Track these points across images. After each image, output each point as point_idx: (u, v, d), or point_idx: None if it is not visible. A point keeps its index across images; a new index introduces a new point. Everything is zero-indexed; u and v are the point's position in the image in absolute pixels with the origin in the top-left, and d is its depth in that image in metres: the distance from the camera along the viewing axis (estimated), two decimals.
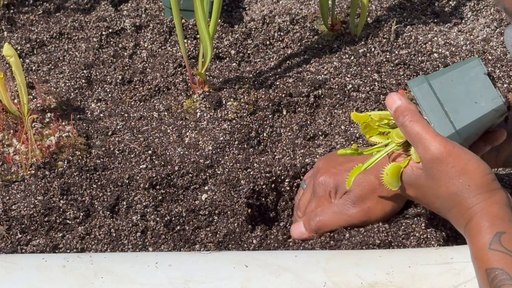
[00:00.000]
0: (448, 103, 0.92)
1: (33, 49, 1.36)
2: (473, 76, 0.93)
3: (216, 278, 0.94)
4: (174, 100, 1.28)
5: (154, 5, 1.44)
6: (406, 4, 1.47)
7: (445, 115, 0.92)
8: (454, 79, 0.93)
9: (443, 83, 0.93)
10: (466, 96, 0.92)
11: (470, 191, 0.89)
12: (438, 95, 0.92)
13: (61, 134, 1.16)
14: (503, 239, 0.85)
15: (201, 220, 1.08)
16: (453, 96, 0.92)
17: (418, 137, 0.90)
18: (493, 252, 0.84)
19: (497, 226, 0.86)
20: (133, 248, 1.05)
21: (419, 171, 0.93)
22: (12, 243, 1.04)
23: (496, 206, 0.88)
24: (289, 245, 1.07)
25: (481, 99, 0.92)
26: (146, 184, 1.10)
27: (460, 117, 0.92)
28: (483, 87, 0.92)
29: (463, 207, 0.89)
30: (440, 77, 0.93)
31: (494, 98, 0.92)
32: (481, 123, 0.92)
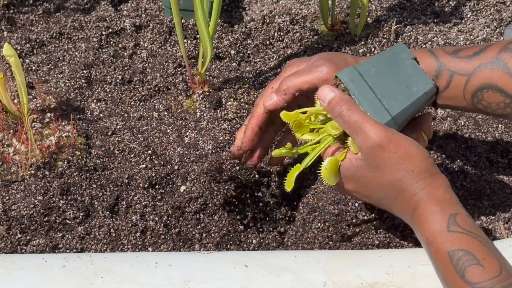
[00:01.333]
0: (381, 91, 0.92)
1: (33, 49, 1.36)
2: (401, 62, 0.93)
3: (216, 278, 0.94)
4: (174, 100, 1.28)
5: (154, 5, 1.44)
6: (406, 4, 1.47)
7: (379, 103, 0.92)
8: (383, 66, 0.93)
9: (373, 72, 0.93)
10: (397, 82, 0.92)
11: (414, 177, 0.88)
12: (369, 84, 0.92)
13: (61, 134, 1.16)
14: (458, 220, 0.84)
15: (201, 219, 1.08)
16: (384, 84, 0.92)
17: (358, 125, 0.89)
18: (453, 234, 0.83)
19: (448, 209, 0.85)
20: (132, 248, 1.05)
21: (359, 162, 0.91)
22: (12, 243, 1.04)
23: (441, 189, 0.87)
24: (287, 245, 1.07)
25: (412, 84, 0.92)
26: (146, 184, 1.10)
27: (394, 104, 0.92)
28: (412, 71, 0.93)
29: (408, 193, 0.89)
30: (369, 66, 0.93)
31: (424, 82, 0.92)
32: (414, 107, 0.92)
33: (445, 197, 0.87)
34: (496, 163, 1.20)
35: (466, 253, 0.81)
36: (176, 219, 1.08)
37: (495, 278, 0.79)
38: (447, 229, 0.83)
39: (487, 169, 1.19)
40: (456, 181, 1.15)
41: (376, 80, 0.92)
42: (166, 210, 1.08)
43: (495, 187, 1.16)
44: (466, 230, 0.83)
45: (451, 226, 0.83)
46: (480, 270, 0.79)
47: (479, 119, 1.27)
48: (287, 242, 1.08)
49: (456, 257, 0.81)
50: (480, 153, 1.21)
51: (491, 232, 1.10)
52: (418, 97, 0.92)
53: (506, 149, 1.22)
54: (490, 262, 0.80)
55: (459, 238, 0.82)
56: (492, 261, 0.80)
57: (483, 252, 0.81)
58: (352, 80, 0.93)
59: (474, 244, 0.82)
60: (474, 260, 0.80)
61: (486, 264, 0.80)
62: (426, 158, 0.89)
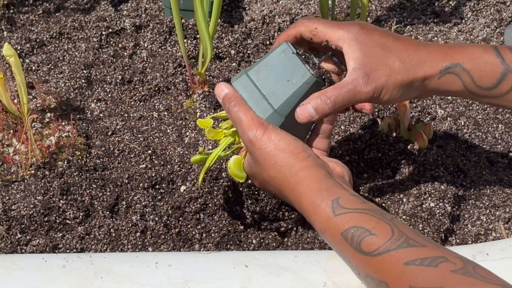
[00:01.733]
0: (265, 87, 0.96)
1: (33, 49, 1.36)
2: (283, 58, 0.97)
3: (216, 278, 0.94)
4: (174, 100, 1.28)
5: (154, 5, 1.44)
6: (406, 4, 1.47)
7: (263, 98, 0.96)
8: (268, 64, 0.97)
9: (259, 71, 0.97)
10: (279, 77, 0.96)
11: (286, 172, 0.91)
12: (256, 83, 0.96)
13: (61, 134, 1.16)
14: (341, 202, 0.86)
15: (201, 219, 1.08)
16: (268, 80, 0.96)
17: (239, 121, 0.94)
18: (340, 217, 0.85)
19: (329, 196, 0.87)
20: (132, 248, 1.05)
21: (248, 159, 0.96)
22: (12, 243, 1.04)
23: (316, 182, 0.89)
24: (287, 245, 1.07)
25: (292, 77, 0.95)
26: (146, 184, 1.10)
27: (276, 97, 0.95)
28: (293, 66, 0.96)
29: (288, 189, 0.91)
30: (256, 66, 0.98)
31: (304, 73, 0.95)
32: (297, 97, 0.95)
33: (322, 187, 0.89)
34: (496, 163, 1.20)
35: (357, 228, 0.83)
36: (176, 219, 1.08)
37: (388, 241, 0.81)
38: (333, 214, 0.86)
39: (487, 169, 1.19)
40: (456, 181, 1.15)
41: (261, 78, 0.97)
42: (166, 210, 1.08)
43: (495, 187, 1.16)
44: (351, 209, 0.86)
45: (336, 210, 0.86)
46: (373, 239, 0.82)
47: (479, 119, 1.27)
48: (287, 242, 1.08)
49: (349, 235, 0.84)
50: (480, 153, 1.21)
51: (491, 232, 1.10)
52: (298, 87, 0.95)
53: (506, 149, 1.22)
54: (380, 228, 0.82)
55: (347, 218, 0.85)
56: (383, 226, 0.83)
57: (372, 222, 0.83)
58: (240, 81, 0.97)
59: (361, 218, 0.84)
60: (365, 232, 0.83)
61: (377, 232, 0.82)
62: (297, 152, 0.91)
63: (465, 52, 0.95)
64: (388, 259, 0.80)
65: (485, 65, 0.95)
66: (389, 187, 1.13)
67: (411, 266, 0.78)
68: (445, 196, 1.11)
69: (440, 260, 0.77)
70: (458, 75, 0.95)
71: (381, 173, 1.16)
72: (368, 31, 0.96)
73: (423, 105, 1.28)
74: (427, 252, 0.79)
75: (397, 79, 0.94)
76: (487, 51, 0.96)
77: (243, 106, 0.94)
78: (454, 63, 0.94)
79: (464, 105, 1.29)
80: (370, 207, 0.86)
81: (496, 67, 0.95)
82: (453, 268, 0.76)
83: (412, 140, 1.18)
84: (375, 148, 1.18)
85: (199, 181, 1.02)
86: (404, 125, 1.18)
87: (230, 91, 0.96)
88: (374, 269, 0.82)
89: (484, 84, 0.95)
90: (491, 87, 0.95)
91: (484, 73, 0.95)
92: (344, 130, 1.22)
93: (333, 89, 0.93)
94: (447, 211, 1.09)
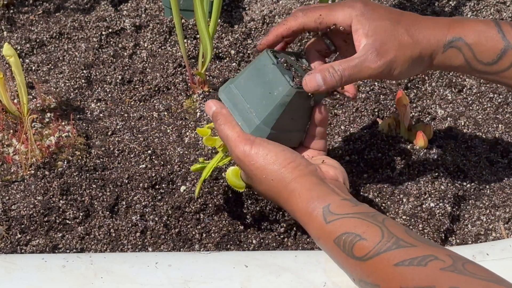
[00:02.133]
0: (250, 100, 0.95)
1: (33, 49, 1.36)
2: (265, 69, 0.96)
3: (216, 278, 0.94)
4: (174, 100, 1.28)
5: (154, 5, 1.44)
6: (406, 4, 1.47)
7: (249, 112, 0.95)
8: (251, 76, 0.96)
9: (243, 82, 0.96)
10: (262, 89, 0.95)
11: (278, 185, 0.91)
12: (241, 95, 0.96)
13: (60, 134, 1.16)
14: (332, 209, 0.87)
15: (201, 220, 1.08)
16: (252, 92, 0.95)
17: (226, 139, 0.95)
18: (332, 224, 0.86)
19: (319, 204, 0.88)
20: (132, 248, 1.05)
21: (242, 172, 0.96)
22: (11, 243, 1.04)
23: (306, 191, 0.89)
24: (287, 245, 1.07)
25: (273, 89, 0.94)
26: (146, 184, 1.10)
27: (260, 109, 0.95)
28: (274, 77, 0.95)
29: (282, 200, 0.92)
30: (240, 77, 0.97)
31: (284, 85, 0.94)
32: (280, 108, 0.94)
33: (313, 195, 0.89)
34: (496, 163, 1.20)
35: (348, 234, 0.84)
36: (176, 219, 1.08)
37: (378, 244, 0.81)
38: (325, 222, 0.86)
39: (487, 169, 1.19)
40: (456, 181, 1.15)
41: (245, 89, 0.96)
42: (166, 210, 1.08)
43: (495, 187, 1.16)
44: (342, 214, 0.86)
45: (327, 217, 0.86)
46: (364, 243, 0.82)
47: (479, 119, 1.27)
48: (287, 242, 1.08)
49: (341, 242, 0.84)
50: (480, 153, 1.21)
51: (491, 232, 1.10)
52: (279, 100, 0.94)
53: (506, 149, 1.22)
54: (370, 232, 0.83)
55: (338, 224, 0.85)
56: (372, 229, 0.83)
57: (362, 226, 0.84)
58: (225, 93, 0.97)
59: (351, 223, 0.84)
60: (356, 237, 0.83)
61: (367, 236, 0.82)
62: (286, 163, 0.91)
63: (467, 26, 0.96)
64: (378, 262, 0.80)
65: (487, 40, 0.95)
66: (389, 187, 1.13)
67: (401, 267, 0.78)
68: (445, 196, 1.11)
69: (429, 259, 0.77)
70: (460, 49, 0.95)
71: (381, 173, 1.15)
72: (373, 6, 0.96)
73: (423, 105, 1.28)
74: (416, 251, 0.79)
75: (407, 54, 0.94)
76: (489, 26, 0.96)
77: (229, 123, 0.95)
78: (457, 37, 0.95)
79: (464, 105, 1.29)
80: (361, 210, 0.86)
81: (497, 43, 0.95)
82: (442, 266, 0.76)
83: (412, 140, 1.18)
84: (375, 148, 1.18)
85: (196, 193, 1.03)
86: (404, 125, 1.18)
87: (217, 108, 0.96)
88: (366, 273, 0.82)
89: (485, 59, 0.96)
90: (491, 63, 0.96)
91: (485, 48, 0.95)
92: (344, 130, 1.22)
93: (342, 62, 0.93)
94: (447, 211, 1.09)
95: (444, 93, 1.31)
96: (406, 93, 1.27)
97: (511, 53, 0.95)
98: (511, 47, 0.95)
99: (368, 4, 0.95)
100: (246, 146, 0.92)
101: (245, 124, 0.95)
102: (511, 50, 0.95)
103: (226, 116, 0.95)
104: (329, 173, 0.94)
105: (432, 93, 1.31)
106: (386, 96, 1.27)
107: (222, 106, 0.96)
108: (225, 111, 0.96)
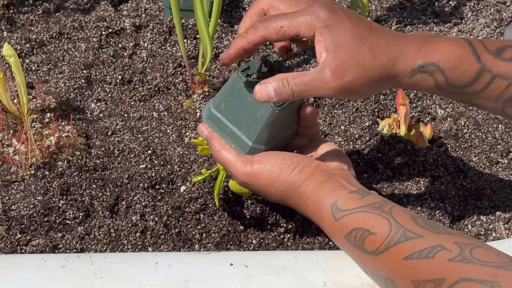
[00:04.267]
0: (235, 123, 0.95)
1: (33, 49, 1.36)
2: (240, 92, 0.95)
3: (216, 278, 0.94)
4: (174, 100, 1.28)
5: (154, 5, 1.44)
6: (406, 4, 1.47)
7: (237, 134, 0.95)
8: (231, 98, 0.95)
9: (224, 106, 0.96)
10: (245, 112, 0.94)
11: (288, 193, 0.93)
12: (226, 118, 0.96)
13: (60, 134, 1.16)
14: (339, 205, 0.88)
15: (201, 220, 1.08)
16: (236, 116, 0.95)
17: (225, 163, 0.96)
18: (341, 221, 0.87)
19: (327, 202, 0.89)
20: (132, 248, 1.05)
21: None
22: (11, 243, 1.04)
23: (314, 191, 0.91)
24: (287, 245, 1.07)
25: (256, 111, 0.94)
26: (146, 184, 1.10)
27: (249, 131, 0.95)
28: (252, 100, 0.93)
29: (294, 204, 0.94)
30: (220, 100, 0.96)
31: (265, 107, 0.93)
32: (268, 128, 0.94)
33: (320, 194, 0.90)
34: (496, 163, 1.20)
35: (357, 230, 0.85)
36: (176, 219, 1.08)
37: (388, 237, 0.82)
38: (334, 219, 0.88)
39: (487, 169, 1.19)
40: (456, 181, 1.15)
41: (228, 113, 0.96)
42: (166, 210, 1.08)
43: (495, 187, 1.16)
44: (350, 210, 0.87)
45: (336, 214, 0.87)
46: (374, 238, 0.83)
47: (479, 119, 1.27)
48: (287, 242, 1.08)
49: (351, 238, 0.85)
50: (480, 153, 1.21)
51: (491, 232, 1.10)
52: (265, 120, 0.94)
53: (506, 149, 1.22)
54: (378, 225, 0.84)
55: (347, 221, 0.86)
56: (380, 223, 0.84)
57: (370, 220, 0.84)
58: (210, 118, 0.97)
59: (359, 218, 0.85)
60: (365, 232, 0.84)
61: (376, 229, 0.83)
62: (289, 173, 0.93)
63: (440, 49, 0.91)
64: (389, 256, 0.82)
65: (460, 64, 0.91)
66: (389, 187, 1.13)
67: (410, 260, 0.79)
68: (445, 196, 1.11)
69: (436, 249, 0.78)
70: (431, 74, 0.91)
71: (381, 173, 1.15)
72: (339, 17, 0.89)
73: (423, 105, 1.28)
74: (424, 243, 0.80)
75: (366, 77, 0.89)
76: (462, 47, 0.91)
77: (224, 148, 0.96)
78: (428, 62, 0.90)
79: (464, 105, 1.29)
80: (369, 201, 0.87)
81: (471, 66, 0.91)
82: (450, 257, 0.77)
83: (412, 140, 1.18)
84: (375, 148, 1.18)
85: (217, 203, 1.05)
86: (404, 125, 1.18)
87: (209, 133, 0.97)
88: (379, 267, 0.83)
89: (457, 83, 0.92)
90: (464, 86, 0.92)
91: (459, 72, 0.91)
92: (344, 130, 1.22)
93: (298, 76, 0.89)
94: (447, 211, 1.09)
95: None
96: (406, 93, 1.27)
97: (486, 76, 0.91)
98: (486, 70, 0.90)
99: (334, 14, 0.89)
100: (247, 168, 0.94)
101: (238, 147, 0.96)
102: (486, 73, 0.91)
103: (219, 140, 0.96)
104: (332, 163, 0.94)
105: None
106: (386, 96, 1.27)
107: (212, 131, 0.97)
108: (217, 135, 0.97)
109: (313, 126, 1.00)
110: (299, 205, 0.93)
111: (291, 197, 0.93)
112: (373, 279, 0.86)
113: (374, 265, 0.84)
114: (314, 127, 1.00)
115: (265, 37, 0.92)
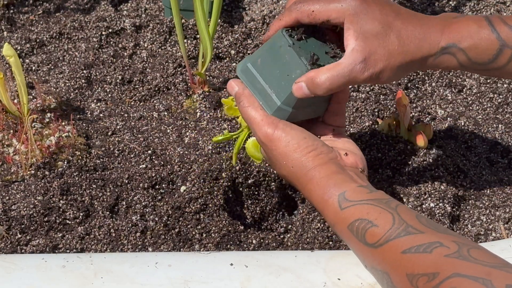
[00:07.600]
0: (268, 80, 0.95)
1: (33, 49, 1.36)
2: (280, 50, 0.95)
3: (216, 278, 0.94)
4: (174, 100, 1.28)
5: (154, 5, 1.44)
6: (406, 4, 1.47)
7: (268, 92, 0.95)
8: (267, 56, 0.96)
9: (260, 62, 0.96)
10: (279, 71, 0.95)
11: (297, 172, 0.93)
12: (259, 74, 0.96)
13: (61, 134, 1.16)
14: (347, 196, 0.88)
15: (201, 220, 1.08)
16: (270, 73, 0.95)
17: (250, 122, 0.95)
18: (346, 210, 0.87)
19: (335, 191, 0.89)
20: (132, 248, 1.05)
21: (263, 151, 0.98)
22: (11, 243, 1.04)
23: (325, 179, 0.90)
24: (287, 245, 1.07)
25: (292, 71, 0.94)
26: (146, 184, 1.10)
27: (280, 91, 0.94)
28: (290, 59, 0.94)
29: (299, 186, 0.93)
30: (257, 57, 0.97)
31: (301, 67, 0.94)
32: None
33: (330, 183, 0.90)
34: (496, 163, 1.20)
35: (360, 221, 0.85)
36: (176, 219, 1.08)
37: (389, 231, 0.82)
38: (340, 208, 0.88)
39: (487, 169, 1.19)
40: (456, 181, 1.15)
41: (263, 69, 0.96)
42: (166, 210, 1.08)
43: (495, 187, 1.16)
44: (356, 201, 0.87)
45: (342, 204, 0.88)
46: (376, 230, 0.83)
47: (479, 119, 1.27)
48: (287, 242, 1.08)
49: (354, 228, 0.86)
50: (480, 153, 1.21)
51: (491, 232, 1.10)
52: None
53: (506, 149, 1.22)
54: (382, 218, 0.84)
55: (352, 211, 0.86)
56: (385, 216, 0.84)
57: (375, 213, 0.85)
58: (244, 72, 0.97)
59: (365, 209, 0.86)
60: (368, 223, 0.84)
61: (379, 222, 0.84)
62: (307, 152, 0.92)
63: (461, 30, 0.94)
64: (387, 249, 0.82)
65: (481, 42, 0.94)
66: (389, 187, 1.13)
67: (408, 254, 0.79)
68: (445, 196, 1.11)
69: (435, 245, 0.78)
70: (454, 54, 0.94)
71: (381, 173, 1.15)
72: (369, 5, 0.93)
73: (423, 105, 1.28)
74: (423, 238, 0.80)
75: (396, 62, 0.92)
76: (481, 26, 0.94)
77: (252, 105, 0.95)
78: (451, 43, 0.94)
79: (464, 105, 1.29)
80: (376, 196, 0.87)
81: (491, 44, 0.94)
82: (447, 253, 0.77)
83: (412, 140, 1.18)
84: (375, 148, 1.18)
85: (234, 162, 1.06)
86: (404, 125, 1.18)
87: (240, 89, 0.97)
88: (377, 261, 0.83)
89: (480, 60, 0.95)
90: (487, 63, 0.95)
91: (480, 51, 0.94)
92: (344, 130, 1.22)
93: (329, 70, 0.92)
94: (447, 211, 1.09)
95: (444, 93, 1.31)
96: (406, 93, 1.27)
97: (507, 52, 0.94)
98: (507, 46, 0.94)
99: (364, 2, 0.93)
100: (269, 130, 0.93)
101: (266, 105, 0.95)
102: (506, 49, 0.94)
103: (248, 98, 0.96)
104: (349, 160, 0.95)
105: (432, 93, 1.31)
106: (386, 96, 1.27)
107: (244, 87, 0.96)
108: (247, 92, 0.96)
109: (340, 114, 1.01)
110: (305, 188, 0.92)
111: (299, 177, 0.92)
112: (371, 272, 0.86)
113: (373, 258, 0.84)
114: (341, 115, 1.01)
115: (298, 19, 0.95)
